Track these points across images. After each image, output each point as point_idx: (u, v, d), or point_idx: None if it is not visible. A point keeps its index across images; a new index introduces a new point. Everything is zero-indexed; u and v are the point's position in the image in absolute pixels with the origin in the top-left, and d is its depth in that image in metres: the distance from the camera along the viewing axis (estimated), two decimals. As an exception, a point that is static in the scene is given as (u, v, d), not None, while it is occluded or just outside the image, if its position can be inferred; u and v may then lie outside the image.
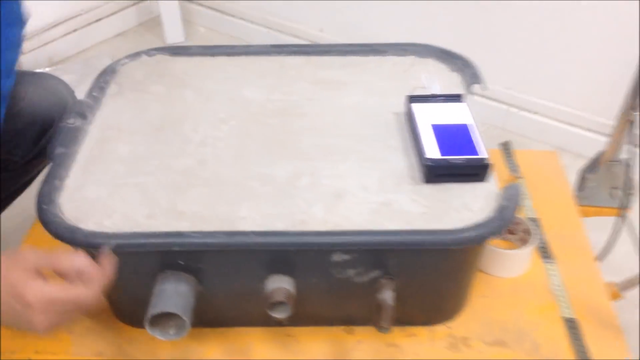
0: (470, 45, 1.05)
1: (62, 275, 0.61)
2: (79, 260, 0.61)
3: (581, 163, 1.15)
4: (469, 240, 0.65)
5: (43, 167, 0.98)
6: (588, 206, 1.08)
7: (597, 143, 1.58)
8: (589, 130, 1.59)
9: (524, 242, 0.87)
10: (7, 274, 0.57)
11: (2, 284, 0.57)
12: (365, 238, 0.65)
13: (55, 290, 0.58)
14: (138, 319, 0.67)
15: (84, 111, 0.80)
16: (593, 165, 1.08)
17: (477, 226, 0.66)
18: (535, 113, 1.66)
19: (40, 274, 0.59)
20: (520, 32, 1.57)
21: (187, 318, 0.65)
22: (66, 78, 1.71)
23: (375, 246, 0.65)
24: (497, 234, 0.66)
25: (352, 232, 0.65)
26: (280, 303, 0.68)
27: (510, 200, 0.68)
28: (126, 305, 0.76)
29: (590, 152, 1.57)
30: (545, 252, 0.89)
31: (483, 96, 1.75)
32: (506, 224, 0.66)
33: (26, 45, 1.79)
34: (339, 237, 0.65)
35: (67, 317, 0.60)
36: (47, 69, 1.73)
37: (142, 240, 0.64)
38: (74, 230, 0.64)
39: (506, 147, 1.07)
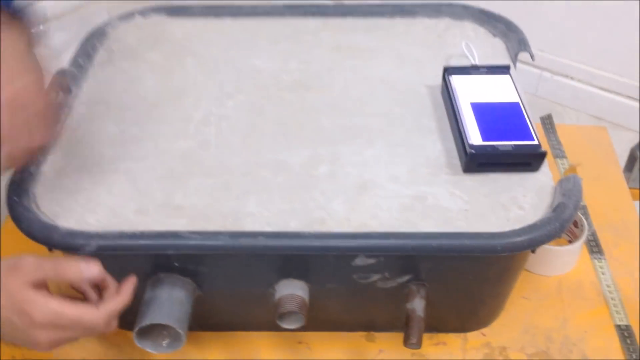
0: (498, 1, 0.93)
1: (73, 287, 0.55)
2: (89, 272, 0.53)
3: (621, 134, 1.04)
4: (521, 246, 0.54)
5: None
6: (638, 189, 0.96)
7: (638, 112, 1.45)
8: (630, 97, 1.46)
9: (572, 234, 0.77)
10: (7, 287, 0.51)
11: (1, 297, 0.50)
12: (395, 242, 0.55)
13: (60, 305, 0.51)
14: (129, 321, 0.58)
15: (67, 83, 0.69)
16: (646, 144, 0.96)
17: (531, 228, 0.55)
18: (571, 78, 1.53)
19: (43, 285, 0.52)
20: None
21: (182, 330, 0.56)
22: (59, 36, 1.61)
23: (406, 251, 0.55)
24: (555, 238, 0.55)
25: (380, 235, 0.55)
26: (292, 313, 0.58)
27: (570, 196, 0.57)
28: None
29: (632, 123, 1.45)
30: (594, 246, 0.78)
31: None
32: (565, 227, 0.55)
33: None
34: (363, 241, 0.55)
35: (71, 335, 0.53)
36: (40, 27, 1.61)
37: (130, 242, 0.54)
38: (50, 228, 0.55)
39: (547, 122, 0.95)
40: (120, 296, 0.55)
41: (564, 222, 0.55)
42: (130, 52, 0.76)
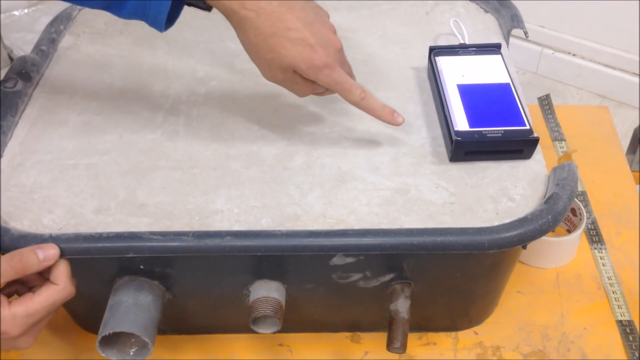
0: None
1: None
2: (48, 257, 0.49)
3: (625, 113, 0.98)
4: (510, 242, 0.50)
5: None
6: (641, 172, 0.91)
7: (644, 90, 1.40)
8: (636, 74, 1.40)
9: (570, 224, 0.72)
10: None
11: None
12: (373, 240, 0.50)
13: (27, 307, 0.48)
14: (97, 325, 0.54)
15: (27, 70, 0.65)
16: (650, 124, 0.91)
17: (521, 222, 0.51)
18: (573, 55, 1.47)
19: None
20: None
21: (148, 337, 0.52)
22: (44, 20, 1.56)
23: (386, 250, 0.51)
24: (547, 233, 0.51)
25: (357, 232, 0.51)
26: (266, 317, 0.54)
27: (564, 186, 0.52)
28: (81, 311, 0.63)
29: (637, 101, 1.39)
30: (594, 235, 0.73)
31: (511, 35, 1.58)
32: (558, 220, 0.51)
33: (2, -17, 1.61)
34: (339, 240, 0.50)
35: (49, 318, 0.51)
36: (25, 10, 1.56)
37: (87, 245, 0.50)
38: (2, 231, 0.50)
39: (546, 102, 0.90)
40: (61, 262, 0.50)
41: (557, 214, 0.50)
42: (97, 36, 0.72)
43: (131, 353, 0.54)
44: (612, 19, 1.38)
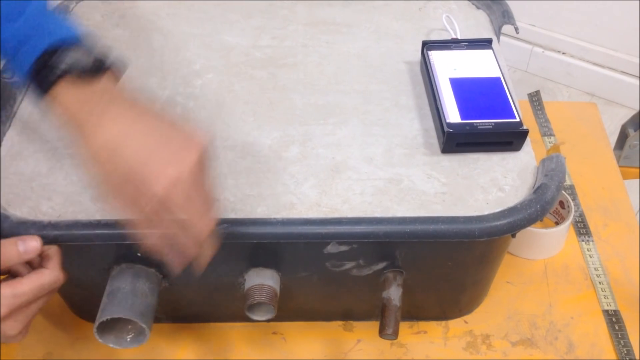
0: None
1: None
2: (29, 250, 0.48)
3: (614, 111, 1.00)
4: (500, 230, 0.51)
5: None
6: (628, 167, 0.93)
7: (633, 88, 1.41)
8: (624, 73, 1.43)
9: (558, 216, 0.74)
10: None
11: None
12: (366, 228, 0.51)
13: (14, 287, 0.47)
14: (94, 313, 0.55)
15: (25, 62, 0.65)
16: (637, 120, 0.93)
17: (510, 212, 0.52)
18: (563, 53, 1.49)
19: None
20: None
21: (145, 324, 0.53)
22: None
23: (379, 238, 0.52)
24: (536, 222, 0.52)
25: (351, 220, 0.52)
26: (262, 304, 0.55)
27: (552, 177, 0.54)
28: (78, 299, 0.64)
29: (625, 99, 1.42)
30: (581, 227, 0.75)
31: (502, 33, 1.59)
32: (547, 209, 0.52)
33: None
34: (333, 227, 0.51)
35: (38, 306, 0.50)
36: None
37: (86, 231, 0.51)
38: (1, 218, 0.51)
39: (535, 98, 0.92)
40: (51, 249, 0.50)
41: (545, 204, 0.52)
42: (94, 29, 0.72)
43: (128, 339, 0.55)
44: (602, 18, 1.40)
